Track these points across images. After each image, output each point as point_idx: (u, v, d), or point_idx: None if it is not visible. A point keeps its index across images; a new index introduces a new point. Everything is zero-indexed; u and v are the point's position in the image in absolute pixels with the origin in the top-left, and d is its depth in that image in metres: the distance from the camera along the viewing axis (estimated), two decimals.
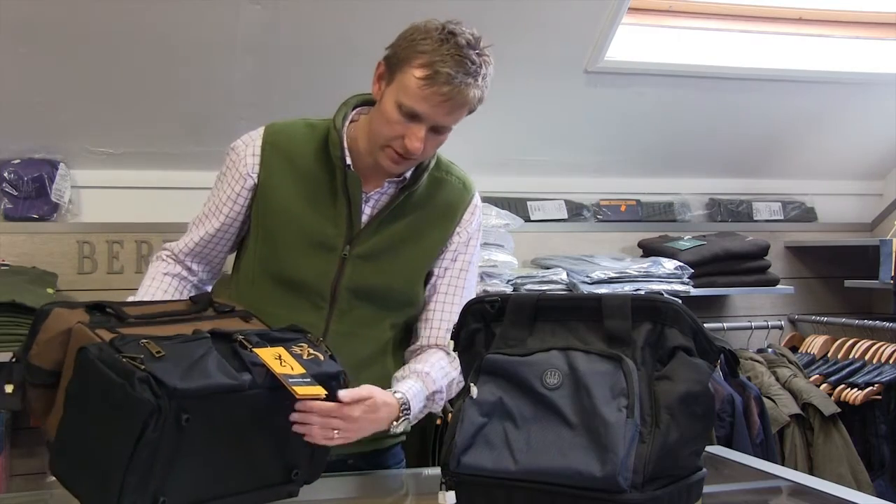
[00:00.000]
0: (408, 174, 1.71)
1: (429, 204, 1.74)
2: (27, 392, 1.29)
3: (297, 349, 1.37)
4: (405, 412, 1.59)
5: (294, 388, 1.29)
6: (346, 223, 1.68)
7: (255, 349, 1.30)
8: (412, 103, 1.56)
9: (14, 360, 1.31)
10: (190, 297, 1.50)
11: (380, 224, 1.70)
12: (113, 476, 1.15)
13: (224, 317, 1.45)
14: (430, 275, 1.78)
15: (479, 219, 1.81)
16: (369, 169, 1.69)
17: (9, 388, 1.28)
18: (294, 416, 1.37)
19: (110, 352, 1.19)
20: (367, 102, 1.73)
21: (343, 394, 1.42)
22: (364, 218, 1.70)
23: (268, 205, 1.70)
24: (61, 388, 1.26)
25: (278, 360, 1.31)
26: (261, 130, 1.74)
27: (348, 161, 1.67)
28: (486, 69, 1.62)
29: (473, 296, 1.80)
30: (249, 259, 1.74)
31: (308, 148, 1.71)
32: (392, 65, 1.60)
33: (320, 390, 1.33)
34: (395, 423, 1.57)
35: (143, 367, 1.16)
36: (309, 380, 1.32)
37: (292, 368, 1.31)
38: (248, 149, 1.72)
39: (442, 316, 1.76)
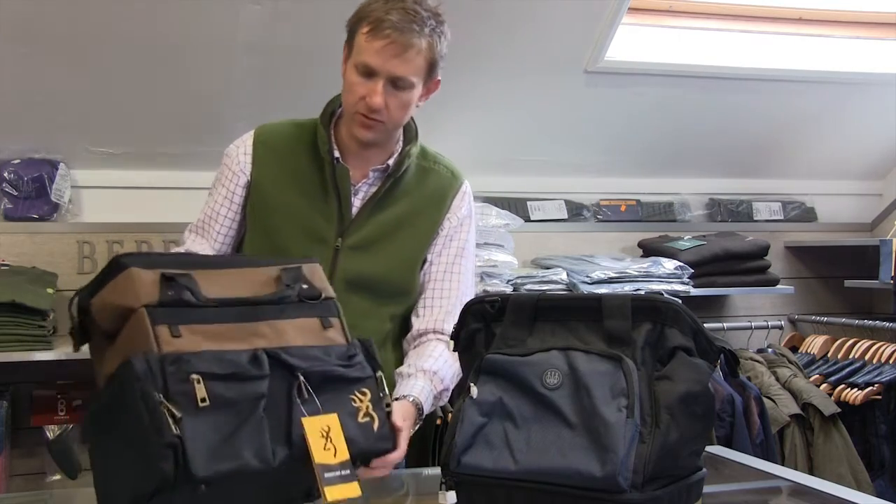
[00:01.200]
0: (391, 161, 1.75)
1: (417, 192, 1.78)
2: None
3: (357, 400, 1.26)
4: (420, 417, 1.60)
5: (326, 488, 1.18)
6: (337, 215, 1.72)
7: (303, 419, 1.19)
8: (363, 59, 1.62)
9: (76, 297, 1.22)
10: (282, 268, 1.30)
11: (370, 214, 1.74)
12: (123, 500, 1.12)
13: (304, 314, 1.28)
14: (424, 262, 1.79)
15: (469, 205, 1.83)
16: (357, 161, 1.74)
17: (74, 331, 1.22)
18: None
19: (154, 383, 1.08)
20: None
21: (379, 468, 1.38)
22: (354, 209, 1.74)
23: (262, 200, 1.75)
24: (115, 349, 1.17)
25: (324, 439, 1.19)
26: (251, 132, 1.81)
27: (336, 154, 1.73)
28: (436, 24, 1.66)
29: (472, 282, 1.82)
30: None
31: (297, 145, 1.76)
32: (349, 39, 1.68)
33: (355, 490, 1.22)
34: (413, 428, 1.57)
35: (176, 430, 1.06)
36: (348, 472, 1.21)
37: (335, 453, 1.20)
38: (240, 149, 1.78)
39: (440, 303, 1.77)
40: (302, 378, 1.20)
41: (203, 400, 1.09)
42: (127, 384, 1.09)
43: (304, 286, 1.30)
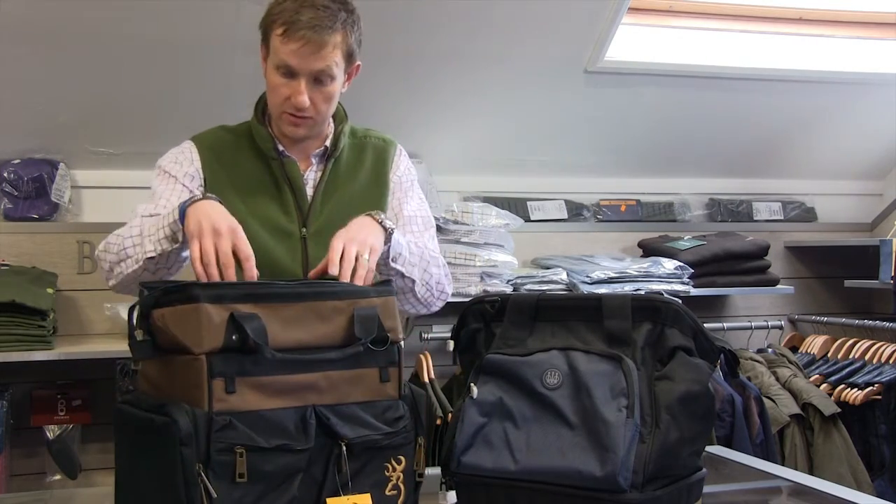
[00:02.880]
0: (327, 143, 1.80)
1: (360, 167, 1.84)
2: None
3: (390, 469, 1.24)
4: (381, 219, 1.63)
5: None
6: (295, 207, 1.77)
7: (329, 500, 1.18)
8: (282, 59, 1.65)
9: (140, 303, 1.19)
10: (356, 309, 1.24)
11: (323, 199, 1.79)
12: None
13: (365, 364, 1.25)
14: None
15: (406, 161, 1.90)
16: (297, 152, 1.79)
17: (139, 335, 1.19)
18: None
19: (196, 449, 1.08)
20: None
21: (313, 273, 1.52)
22: (308, 199, 1.78)
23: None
24: (167, 371, 1.17)
25: None
26: (187, 142, 1.82)
27: (281, 148, 1.77)
28: (345, 13, 1.67)
29: (428, 213, 1.87)
30: None
31: (236, 148, 1.80)
32: (264, 39, 1.71)
33: None
34: (379, 217, 1.62)
35: None
36: None
37: None
38: (184, 154, 1.79)
39: (402, 225, 1.82)
40: (344, 449, 1.19)
41: (241, 476, 1.10)
42: (169, 443, 1.08)
43: (374, 331, 1.25)
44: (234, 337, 1.13)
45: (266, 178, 1.78)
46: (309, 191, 1.79)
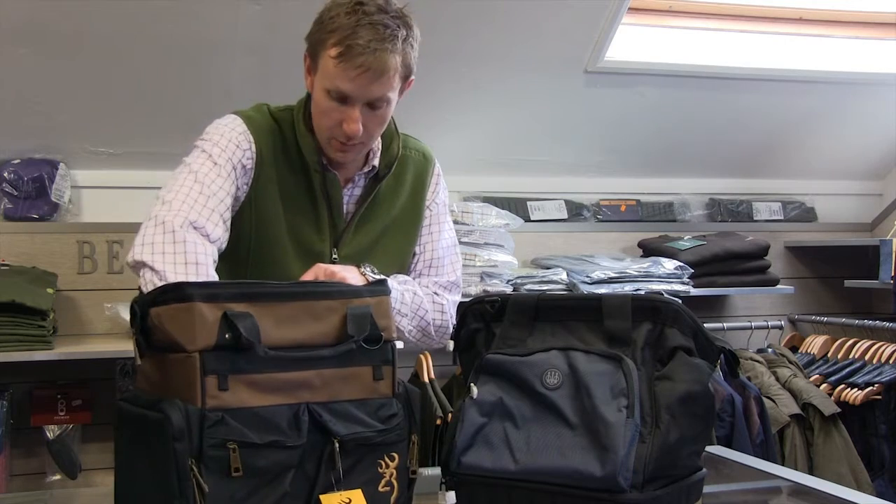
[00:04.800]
0: (375, 162, 1.67)
1: (399, 187, 1.72)
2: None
3: (383, 466, 1.24)
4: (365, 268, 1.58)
5: None
6: (329, 225, 1.65)
7: (322, 496, 1.18)
8: (335, 85, 1.52)
9: (136, 303, 1.19)
10: (350, 308, 1.23)
11: (360, 220, 1.68)
12: None
13: (358, 363, 1.24)
14: (413, 254, 1.79)
15: (443, 186, 1.81)
16: (338, 166, 1.65)
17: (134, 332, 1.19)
18: None
19: (189, 444, 1.09)
20: None
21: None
22: (344, 218, 1.67)
23: (261, 206, 1.62)
24: (161, 367, 1.18)
25: None
26: (237, 121, 1.64)
27: (325, 162, 1.63)
28: (405, 30, 1.53)
29: (454, 239, 1.82)
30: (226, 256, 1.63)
31: (281, 145, 1.64)
32: (313, 54, 1.56)
33: None
34: (369, 276, 1.55)
35: (200, 502, 1.08)
36: None
37: None
38: (242, 136, 1.61)
39: (431, 262, 1.78)
40: (336, 446, 1.19)
41: (236, 470, 1.11)
42: (163, 438, 1.09)
43: (367, 329, 1.24)
44: (227, 335, 1.14)
45: (303, 188, 1.64)
46: (344, 207, 1.67)
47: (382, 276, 1.58)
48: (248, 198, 1.62)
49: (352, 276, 1.52)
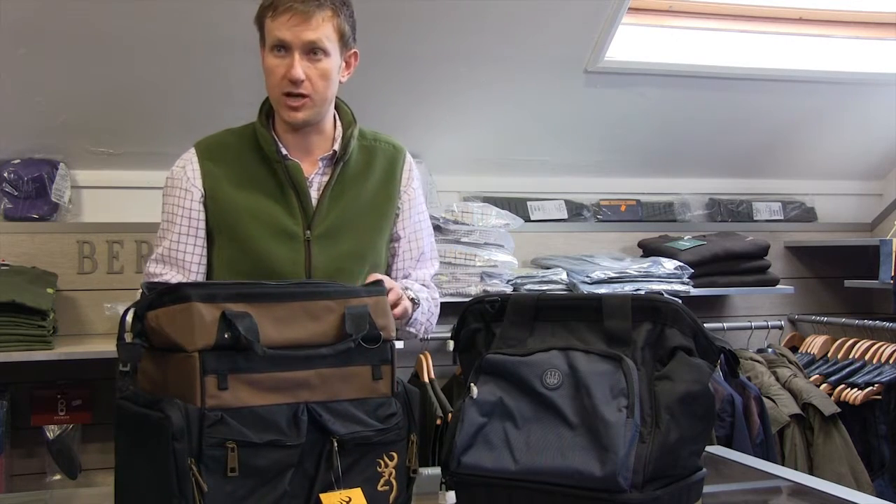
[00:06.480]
0: (336, 147, 1.80)
1: (368, 172, 1.84)
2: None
3: (382, 465, 1.25)
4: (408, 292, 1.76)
5: None
6: (300, 209, 1.77)
7: (322, 496, 1.19)
8: (274, 37, 1.68)
9: (135, 306, 1.20)
10: (347, 307, 1.24)
11: (330, 202, 1.79)
12: None
13: (357, 362, 1.24)
14: (390, 238, 1.89)
15: (415, 173, 1.93)
16: (302, 154, 1.79)
17: (128, 338, 1.19)
18: None
19: (188, 444, 1.10)
20: None
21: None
22: (313, 201, 1.79)
23: (222, 210, 1.78)
24: (161, 367, 1.19)
25: None
26: (190, 150, 1.84)
27: (283, 151, 1.77)
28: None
29: (430, 231, 1.96)
30: (220, 270, 1.80)
31: (240, 151, 1.80)
32: (259, 28, 1.74)
33: None
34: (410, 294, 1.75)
35: (199, 502, 1.09)
36: None
37: None
38: (185, 168, 1.81)
39: (411, 263, 1.90)
40: (335, 445, 1.20)
41: (233, 470, 1.11)
42: (162, 438, 1.09)
43: (366, 328, 1.25)
44: (226, 335, 1.14)
45: (270, 180, 1.78)
46: (314, 193, 1.79)
47: (418, 300, 1.78)
48: (211, 199, 1.79)
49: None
